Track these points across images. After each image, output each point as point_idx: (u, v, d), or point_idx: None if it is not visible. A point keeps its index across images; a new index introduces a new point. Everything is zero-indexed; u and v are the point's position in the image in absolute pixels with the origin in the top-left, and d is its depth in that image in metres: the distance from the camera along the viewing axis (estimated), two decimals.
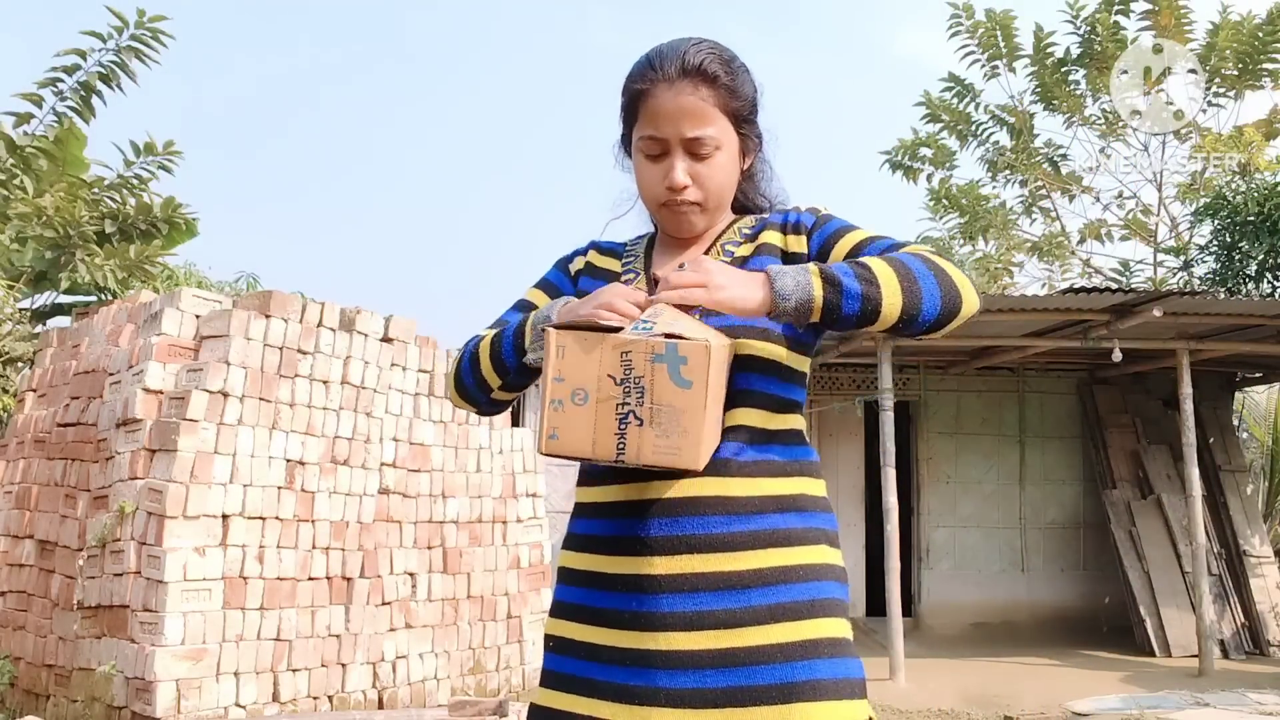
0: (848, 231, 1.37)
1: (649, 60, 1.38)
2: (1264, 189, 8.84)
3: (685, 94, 1.34)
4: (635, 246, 1.52)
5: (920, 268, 1.22)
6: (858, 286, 1.18)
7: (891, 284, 1.19)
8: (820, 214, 1.42)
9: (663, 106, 1.35)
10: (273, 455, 4.70)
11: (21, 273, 7.26)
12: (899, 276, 1.20)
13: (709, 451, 1.14)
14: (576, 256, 1.53)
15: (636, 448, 1.10)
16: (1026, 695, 6.12)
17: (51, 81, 7.62)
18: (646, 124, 1.37)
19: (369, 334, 5.29)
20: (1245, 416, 10.95)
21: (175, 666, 4.16)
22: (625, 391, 1.09)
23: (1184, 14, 10.88)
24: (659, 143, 1.36)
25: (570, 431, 1.12)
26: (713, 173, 1.37)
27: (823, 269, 1.20)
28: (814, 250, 1.37)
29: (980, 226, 12.10)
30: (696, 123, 1.34)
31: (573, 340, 1.13)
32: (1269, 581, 7.86)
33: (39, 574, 4.88)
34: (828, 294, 1.18)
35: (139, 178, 8.00)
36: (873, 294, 1.18)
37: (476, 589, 5.69)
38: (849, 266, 1.20)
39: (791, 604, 1.24)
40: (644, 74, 1.37)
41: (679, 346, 1.08)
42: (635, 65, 1.41)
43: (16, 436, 5.39)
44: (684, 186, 1.36)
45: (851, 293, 1.18)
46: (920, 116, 12.31)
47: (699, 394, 1.07)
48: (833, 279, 1.19)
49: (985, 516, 8.84)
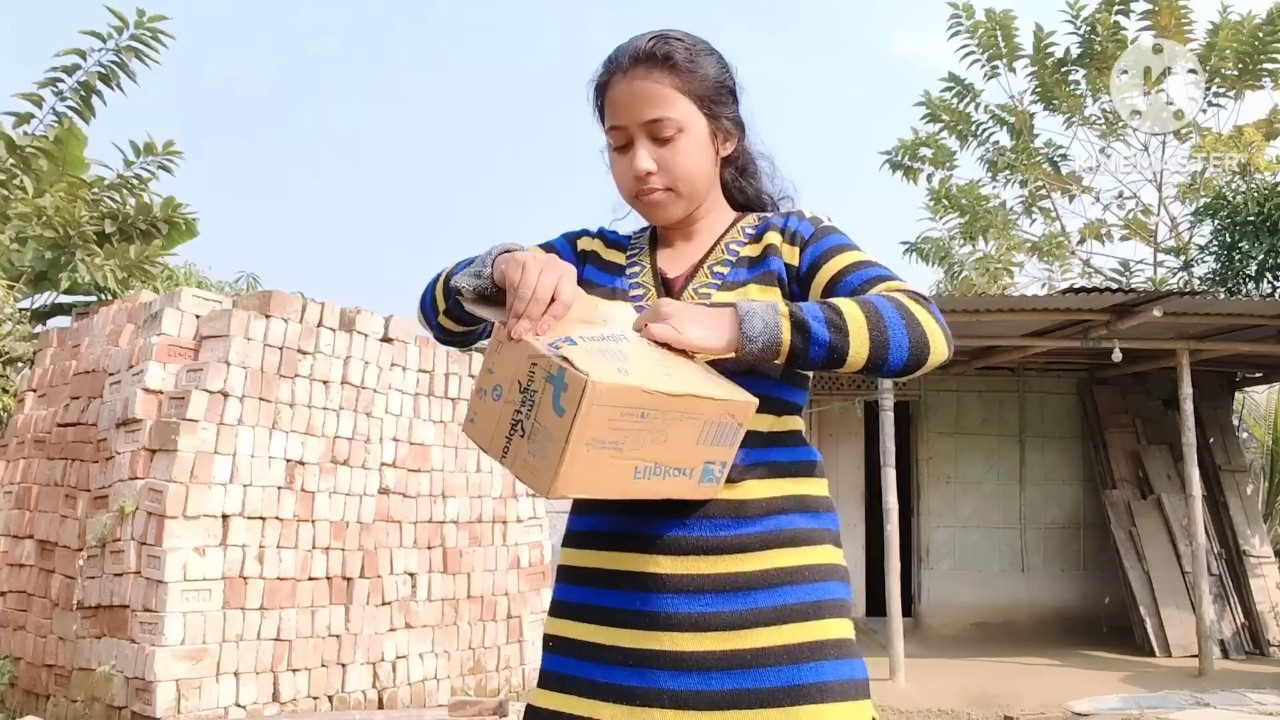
0: (839, 252, 1.33)
1: (608, 57, 1.39)
2: (1264, 189, 8.85)
3: (638, 79, 1.34)
4: (640, 239, 1.50)
5: (893, 315, 1.17)
6: (826, 335, 1.15)
7: (861, 332, 1.15)
8: (820, 225, 1.39)
9: (619, 95, 1.35)
10: (273, 455, 4.70)
11: (21, 273, 7.26)
12: (869, 324, 1.16)
13: (571, 486, 1.09)
14: (585, 236, 1.51)
15: (513, 456, 1.12)
16: (1026, 695, 6.12)
17: (51, 81, 7.62)
18: (609, 116, 1.37)
19: (369, 334, 5.29)
20: (1245, 416, 10.95)
21: (175, 666, 4.16)
22: (523, 400, 1.10)
23: (1184, 14, 10.88)
24: (621, 132, 1.36)
25: (483, 421, 1.16)
26: (677, 156, 1.34)
27: (794, 312, 1.16)
28: (804, 265, 1.34)
29: (980, 226, 12.10)
30: (653, 105, 1.33)
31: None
32: (1269, 581, 7.86)
33: (39, 574, 4.88)
34: (795, 340, 1.15)
35: (139, 178, 8.00)
36: (840, 342, 1.15)
37: (476, 589, 5.69)
38: (820, 310, 1.16)
39: (798, 605, 1.24)
40: (604, 69, 1.38)
41: (566, 373, 1.05)
42: (601, 63, 1.41)
43: (16, 436, 5.39)
44: (647, 172, 1.34)
45: (819, 339, 1.15)
46: (920, 116, 12.33)
47: (565, 424, 1.05)
48: (802, 325, 1.15)
49: (985, 516, 8.83)
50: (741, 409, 1.18)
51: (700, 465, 1.18)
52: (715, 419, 1.15)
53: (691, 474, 1.18)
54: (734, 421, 1.17)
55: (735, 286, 1.35)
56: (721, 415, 1.16)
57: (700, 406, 1.13)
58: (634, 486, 1.14)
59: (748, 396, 1.18)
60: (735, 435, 1.19)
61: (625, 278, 1.44)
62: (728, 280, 1.36)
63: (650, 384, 1.09)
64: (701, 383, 1.15)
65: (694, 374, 1.17)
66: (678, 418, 1.12)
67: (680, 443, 1.14)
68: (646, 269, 1.43)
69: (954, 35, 11.81)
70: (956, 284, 12.18)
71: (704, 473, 1.19)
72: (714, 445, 1.18)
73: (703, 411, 1.14)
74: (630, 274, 1.44)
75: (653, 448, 1.12)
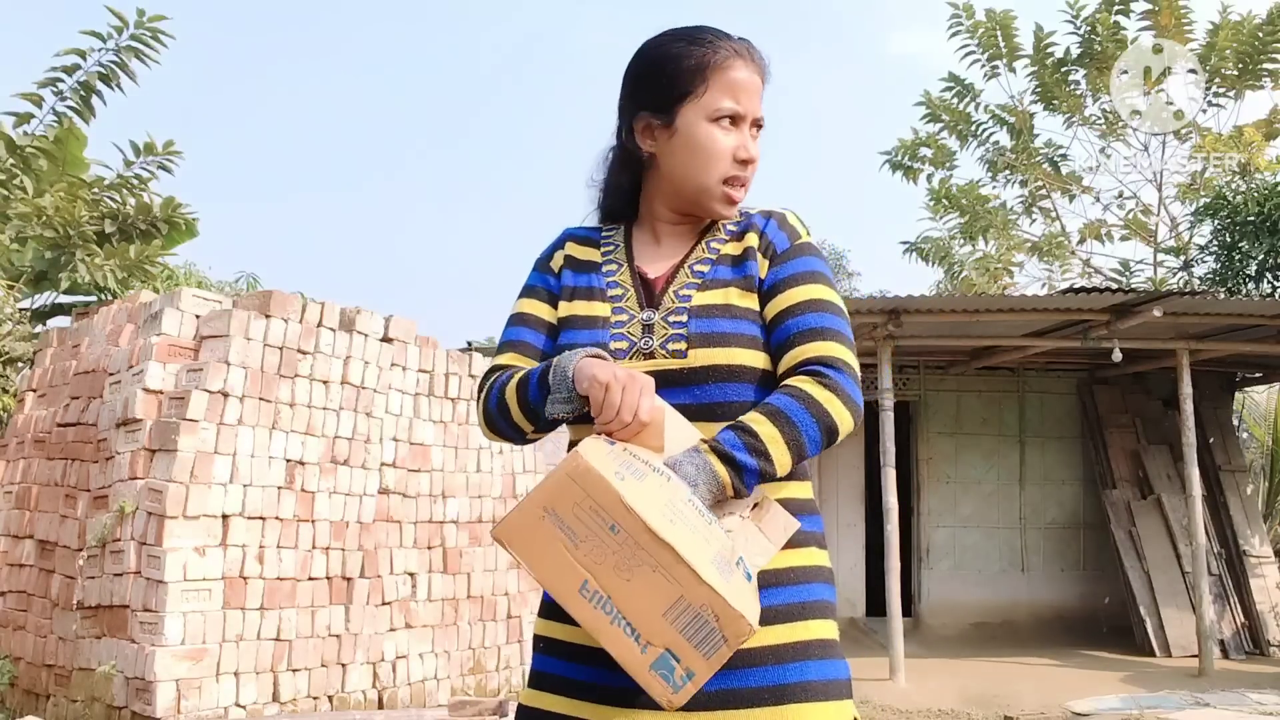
0: (796, 284, 1.35)
1: (712, 33, 1.38)
2: (1264, 189, 8.85)
3: (756, 74, 1.38)
4: (612, 234, 1.48)
5: (801, 415, 1.24)
6: (754, 462, 1.21)
7: (779, 446, 1.22)
8: (794, 241, 1.40)
9: (744, 80, 1.36)
10: (273, 455, 4.70)
11: (21, 273, 7.26)
12: (784, 436, 1.23)
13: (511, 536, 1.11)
14: (554, 252, 1.48)
15: None
16: (1026, 695, 6.12)
17: (51, 81, 7.62)
18: (727, 94, 1.35)
19: (369, 334, 5.29)
20: (1245, 416, 10.95)
21: (175, 666, 4.16)
22: None
23: (1184, 14, 10.88)
24: (732, 117, 1.36)
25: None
26: (759, 159, 1.40)
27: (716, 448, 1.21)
28: (768, 283, 1.36)
29: (980, 226, 12.11)
30: (761, 105, 1.38)
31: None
32: (1269, 581, 7.86)
33: (39, 574, 4.88)
34: (730, 474, 1.20)
35: (139, 178, 8.00)
36: (766, 466, 1.22)
37: (476, 589, 5.69)
38: (739, 438, 1.21)
39: (784, 606, 1.26)
40: (717, 45, 1.36)
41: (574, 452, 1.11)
42: (686, 36, 1.38)
43: (16, 436, 5.39)
44: (753, 162, 1.38)
45: (749, 468, 1.21)
46: (920, 116, 12.33)
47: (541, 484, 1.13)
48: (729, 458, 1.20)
49: (985, 516, 8.83)
50: (729, 617, 1.04)
51: (660, 648, 1.05)
52: (693, 602, 1.04)
53: (645, 648, 1.06)
54: (716, 625, 1.05)
55: (716, 286, 1.36)
56: (700, 602, 1.04)
57: (679, 572, 1.04)
58: (576, 601, 1.07)
59: (742, 611, 1.05)
60: (715, 647, 1.05)
61: (602, 275, 1.42)
62: (708, 279, 1.37)
63: (635, 503, 1.05)
64: (703, 556, 1.06)
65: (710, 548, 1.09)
66: (650, 564, 1.04)
67: (644, 597, 1.05)
68: (624, 267, 1.42)
69: (954, 35, 11.82)
70: (956, 284, 12.19)
71: (661, 659, 1.06)
72: (684, 637, 1.05)
73: (681, 581, 1.04)
74: (607, 272, 1.42)
75: (612, 576, 1.06)
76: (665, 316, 1.34)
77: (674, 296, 1.36)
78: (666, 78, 1.37)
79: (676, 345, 1.31)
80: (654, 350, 1.32)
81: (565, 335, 1.39)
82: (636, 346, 1.33)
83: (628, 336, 1.34)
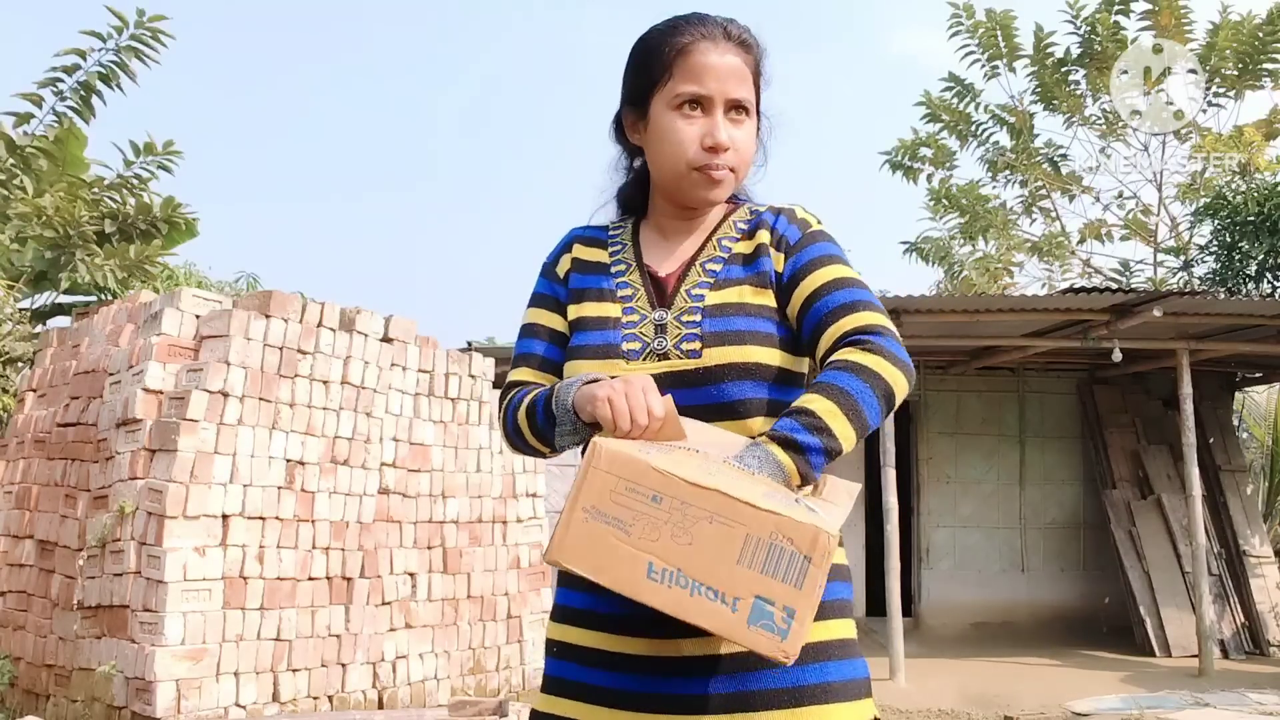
0: (818, 266, 1.33)
1: (683, 20, 1.35)
2: (1264, 189, 8.85)
3: (731, 53, 1.33)
4: (620, 232, 1.45)
5: (858, 386, 1.19)
6: (815, 440, 1.15)
7: (838, 420, 1.17)
8: (807, 230, 1.38)
9: (711, 62, 1.32)
10: (273, 455, 4.70)
11: (21, 273, 7.26)
12: (842, 408, 1.17)
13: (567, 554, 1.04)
14: (561, 256, 1.46)
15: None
16: (1026, 695, 6.12)
17: (51, 81, 7.62)
18: (688, 79, 1.32)
19: (369, 334, 5.29)
20: (1245, 416, 10.95)
21: (175, 666, 4.16)
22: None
23: (1184, 14, 10.88)
24: (697, 100, 1.32)
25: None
26: (747, 141, 1.36)
27: (777, 436, 1.16)
28: (787, 274, 1.34)
29: (980, 226, 12.11)
30: (740, 84, 1.33)
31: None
32: (1269, 581, 7.86)
33: (39, 574, 4.88)
34: (797, 461, 1.15)
35: (139, 178, 8.00)
36: (831, 443, 1.16)
37: (476, 589, 5.69)
38: (794, 421, 1.16)
39: None
40: (683, 31, 1.34)
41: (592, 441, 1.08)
42: (660, 28, 1.37)
43: (16, 436, 5.39)
44: (727, 147, 1.32)
45: (814, 447, 1.15)
46: (920, 116, 12.33)
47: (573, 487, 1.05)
48: (790, 442, 1.15)
49: (985, 516, 8.83)
50: (801, 532, 0.97)
51: (748, 598, 0.98)
52: (761, 535, 0.98)
53: (735, 605, 0.98)
54: (793, 548, 0.98)
55: (728, 285, 1.34)
56: (769, 533, 0.98)
57: (734, 510, 0.98)
58: (648, 588, 1.00)
59: (819, 521, 0.99)
60: (801, 572, 0.97)
61: (611, 277, 1.40)
62: (720, 279, 1.35)
63: (666, 466, 1.00)
64: (753, 490, 1.01)
65: (757, 487, 1.03)
66: (704, 517, 0.99)
67: (711, 553, 0.99)
68: (633, 267, 1.40)
69: (954, 35, 11.82)
70: (956, 284, 12.19)
71: (754, 609, 0.98)
72: (767, 576, 0.98)
73: (740, 518, 0.98)
74: (616, 272, 1.40)
75: (673, 546, 1.00)
76: (678, 316, 1.32)
77: (686, 296, 1.34)
78: (638, 70, 1.37)
79: (691, 345, 1.29)
80: (668, 351, 1.30)
81: (577, 338, 1.37)
82: (650, 348, 1.31)
83: (640, 337, 1.32)
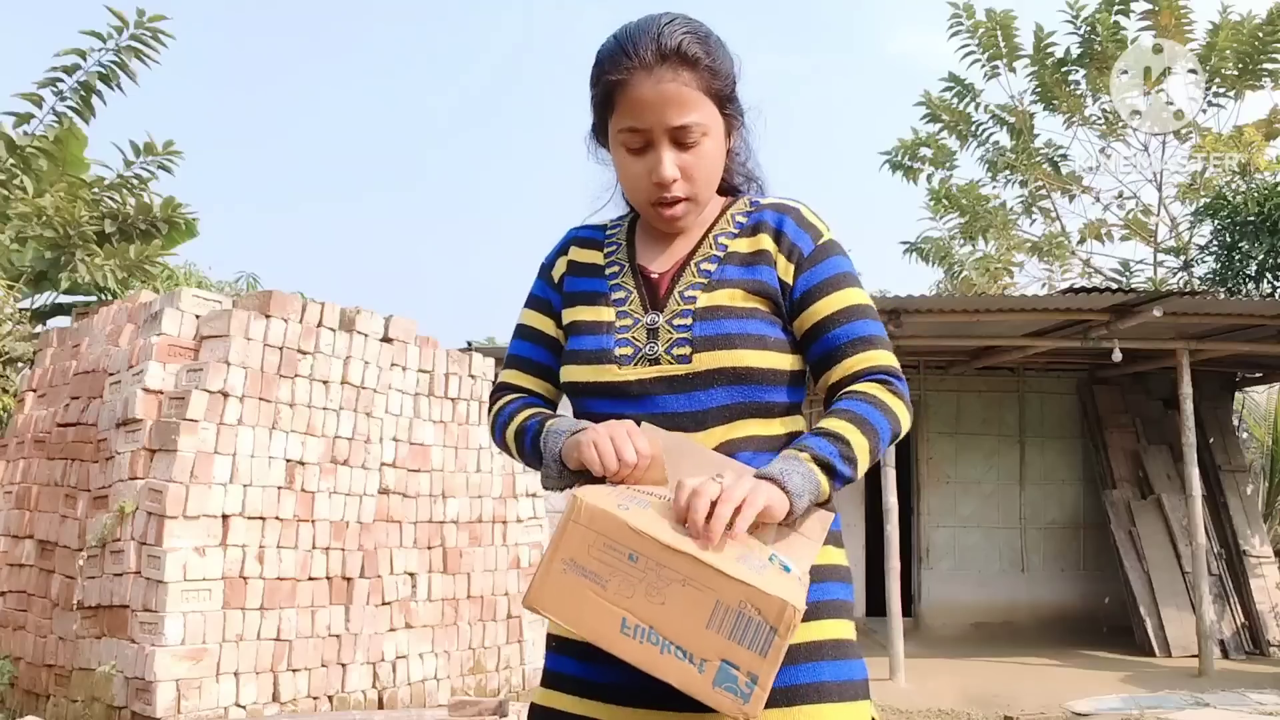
0: (832, 289, 1.32)
1: (620, 46, 1.28)
2: (1264, 189, 8.86)
3: (666, 80, 1.25)
4: (615, 233, 1.44)
5: (879, 420, 1.26)
6: (848, 470, 1.23)
7: (864, 453, 1.24)
8: (819, 241, 1.35)
9: (643, 95, 1.25)
10: (273, 455, 4.70)
11: (21, 273, 7.26)
12: (869, 444, 1.25)
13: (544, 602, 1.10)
14: (557, 259, 1.45)
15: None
16: (1026, 695, 6.12)
17: (51, 81, 7.62)
18: (626, 115, 1.28)
19: (369, 334, 5.28)
20: (1245, 416, 10.94)
21: (175, 666, 4.16)
22: None
23: (1184, 14, 10.89)
24: (641, 135, 1.28)
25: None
26: (701, 162, 1.29)
27: (818, 458, 1.21)
28: (798, 290, 1.32)
29: (980, 226, 12.11)
30: (681, 110, 1.26)
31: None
32: (1269, 581, 7.86)
33: (39, 574, 4.88)
34: (830, 484, 1.23)
35: (139, 178, 8.00)
36: (856, 471, 1.25)
37: (476, 589, 5.69)
38: (835, 447, 1.22)
39: None
40: (618, 62, 1.27)
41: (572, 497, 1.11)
42: (604, 50, 1.30)
43: (16, 436, 5.39)
44: (673, 180, 1.28)
45: (844, 475, 1.23)
46: (920, 116, 12.34)
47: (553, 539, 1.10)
48: (829, 467, 1.22)
49: (985, 516, 8.83)
50: (769, 604, 1.02)
51: (715, 661, 1.03)
52: (730, 604, 1.02)
53: (702, 666, 1.03)
54: (760, 618, 1.02)
55: (722, 286, 1.32)
56: (739, 601, 1.02)
57: (706, 577, 1.03)
58: (622, 642, 1.05)
59: (787, 595, 1.03)
60: (767, 641, 1.02)
61: (605, 278, 1.39)
62: (714, 279, 1.33)
63: (643, 526, 1.05)
64: (725, 555, 1.05)
65: (731, 550, 1.07)
66: (677, 579, 1.04)
67: (682, 615, 1.04)
68: (626, 268, 1.38)
69: (954, 35, 11.83)
70: (956, 284, 12.20)
71: (720, 672, 1.03)
72: (734, 642, 1.02)
73: (711, 585, 1.03)
74: (610, 274, 1.39)
75: (646, 604, 1.05)
76: (670, 320, 1.31)
77: (679, 298, 1.32)
78: (591, 100, 1.35)
79: (681, 350, 1.28)
80: (659, 356, 1.29)
81: (571, 342, 1.37)
82: (641, 353, 1.30)
83: (632, 342, 1.31)
